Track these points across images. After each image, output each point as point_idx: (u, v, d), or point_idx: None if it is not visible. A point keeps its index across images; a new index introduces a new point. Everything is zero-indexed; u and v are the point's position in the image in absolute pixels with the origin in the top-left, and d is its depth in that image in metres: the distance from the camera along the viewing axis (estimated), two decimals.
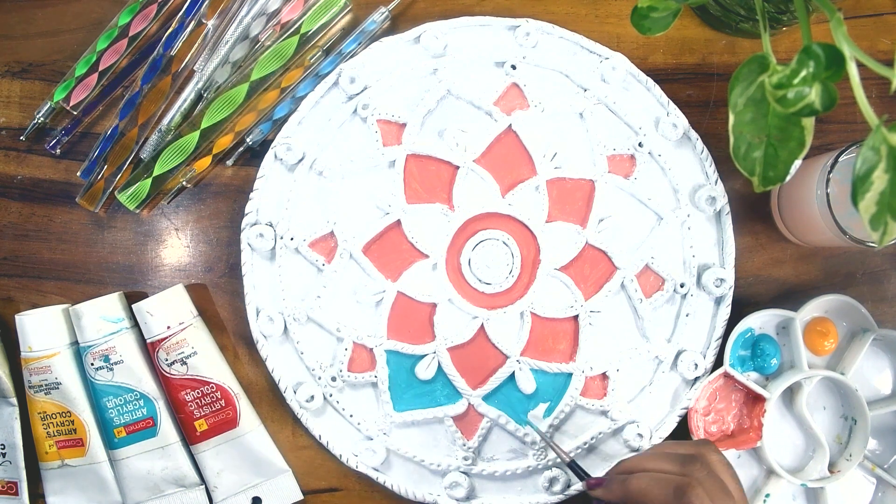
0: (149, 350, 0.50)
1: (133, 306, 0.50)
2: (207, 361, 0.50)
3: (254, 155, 0.53)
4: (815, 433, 0.49)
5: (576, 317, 0.50)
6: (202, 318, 0.51)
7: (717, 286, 0.49)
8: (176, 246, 0.53)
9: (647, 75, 0.50)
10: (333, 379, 0.50)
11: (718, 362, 0.49)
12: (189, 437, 0.50)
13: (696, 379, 0.49)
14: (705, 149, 0.50)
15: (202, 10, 0.52)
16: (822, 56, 0.31)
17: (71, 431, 0.50)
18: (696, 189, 0.50)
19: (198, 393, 0.50)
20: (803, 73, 0.31)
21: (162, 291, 0.50)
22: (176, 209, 0.53)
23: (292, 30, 0.51)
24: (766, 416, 0.48)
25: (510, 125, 0.50)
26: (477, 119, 0.51)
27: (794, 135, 0.34)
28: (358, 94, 0.51)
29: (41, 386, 0.49)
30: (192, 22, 0.52)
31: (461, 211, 0.50)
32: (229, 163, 0.52)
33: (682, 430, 0.49)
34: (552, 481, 0.49)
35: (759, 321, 0.50)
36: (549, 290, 0.50)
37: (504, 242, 0.50)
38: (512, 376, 0.49)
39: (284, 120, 0.51)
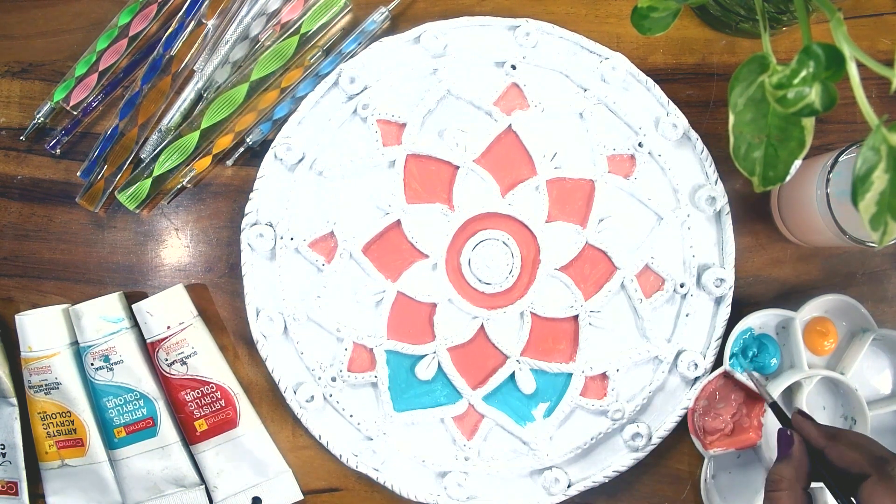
0: (149, 350, 0.50)
1: (133, 306, 0.50)
2: (207, 361, 0.50)
3: (254, 155, 0.53)
4: None
5: (576, 317, 0.50)
6: (202, 318, 0.51)
7: (717, 286, 0.49)
8: (176, 246, 0.53)
9: (647, 75, 0.50)
10: (333, 379, 0.50)
11: (718, 362, 0.49)
12: (189, 437, 0.50)
13: (696, 379, 0.49)
14: (705, 149, 0.50)
15: (202, 10, 0.52)
16: (822, 56, 0.31)
17: (71, 431, 0.50)
18: (696, 189, 0.50)
19: (198, 393, 0.50)
20: (803, 73, 0.31)
21: (162, 291, 0.50)
22: (176, 209, 0.53)
23: (292, 30, 0.51)
24: (766, 416, 0.48)
25: (510, 125, 0.50)
26: (477, 119, 0.51)
27: (794, 135, 0.34)
28: (358, 94, 0.51)
29: (41, 386, 0.49)
30: (192, 22, 0.52)
31: (461, 211, 0.50)
32: (229, 163, 0.52)
33: (682, 430, 0.49)
34: (552, 481, 0.49)
35: (759, 321, 0.50)
36: (549, 290, 0.50)
37: (504, 242, 0.50)
38: (512, 376, 0.49)
39: (284, 120, 0.51)
